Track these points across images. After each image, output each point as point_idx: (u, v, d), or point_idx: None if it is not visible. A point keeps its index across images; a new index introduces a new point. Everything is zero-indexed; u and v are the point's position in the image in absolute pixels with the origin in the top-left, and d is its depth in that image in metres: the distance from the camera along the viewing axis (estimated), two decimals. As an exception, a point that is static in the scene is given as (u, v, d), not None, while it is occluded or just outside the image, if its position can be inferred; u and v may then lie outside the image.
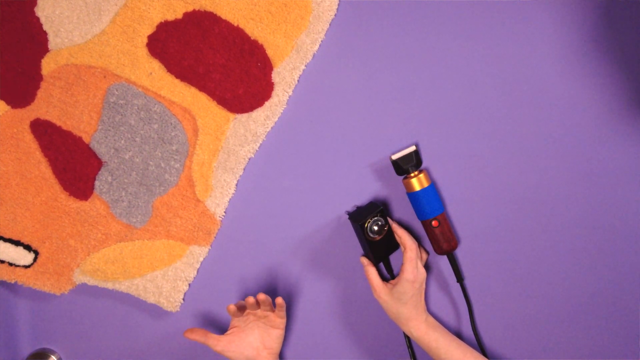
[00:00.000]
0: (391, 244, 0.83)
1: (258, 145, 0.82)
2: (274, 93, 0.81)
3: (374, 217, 0.80)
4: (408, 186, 0.80)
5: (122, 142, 0.81)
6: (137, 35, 0.79)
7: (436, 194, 0.81)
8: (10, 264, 0.83)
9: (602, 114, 0.82)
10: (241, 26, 0.79)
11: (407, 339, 0.87)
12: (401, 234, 0.80)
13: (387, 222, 0.81)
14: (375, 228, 0.80)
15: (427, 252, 0.84)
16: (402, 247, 0.80)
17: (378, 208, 0.80)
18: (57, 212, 0.83)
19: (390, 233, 0.82)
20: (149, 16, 0.79)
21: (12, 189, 0.82)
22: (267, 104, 0.81)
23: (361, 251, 0.86)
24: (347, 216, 0.84)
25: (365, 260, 0.82)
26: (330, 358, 0.88)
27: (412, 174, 0.80)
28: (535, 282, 0.86)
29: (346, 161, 0.84)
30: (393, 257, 0.86)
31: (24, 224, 0.82)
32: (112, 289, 0.85)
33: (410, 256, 0.78)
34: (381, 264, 0.85)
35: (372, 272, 0.80)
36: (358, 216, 0.81)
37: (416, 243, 0.80)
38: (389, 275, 0.85)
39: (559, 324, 0.87)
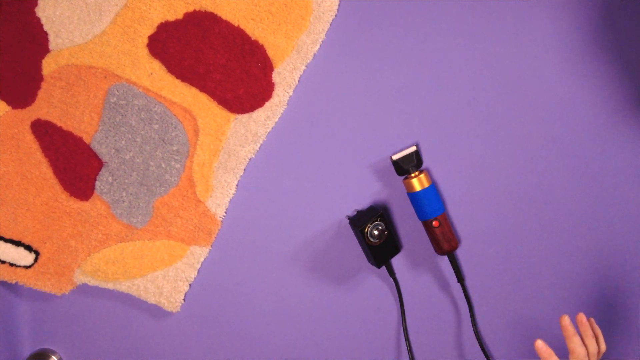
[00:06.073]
0: (391, 248, 0.83)
1: (259, 145, 0.82)
2: (274, 93, 0.81)
3: (374, 221, 0.80)
4: (409, 186, 0.80)
5: (123, 142, 0.81)
6: (137, 36, 0.79)
7: (437, 194, 0.81)
8: (11, 265, 0.83)
9: (602, 114, 0.82)
10: (242, 26, 0.79)
11: (408, 342, 0.87)
12: (575, 342, 0.68)
13: (387, 227, 0.81)
14: (376, 232, 0.80)
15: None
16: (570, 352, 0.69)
17: (378, 213, 0.80)
18: (58, 213, 0.83)
19: (391, 237, 0.82)
20: (150, 16, 0.79)
21: (13, 190, 0.82)
22: (267, 104, 0.81)
23: (361, 253, 0.86)
24: (348, 220, 0.84)
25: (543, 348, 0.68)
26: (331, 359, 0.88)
27: (413, 174, 0.80)
28: (535, 282, 0.86)
29: (347, 161, 0.84)
30: (395, 260, 0.86)
31: (24, 225, 0.82)
32: (113, 289, 0.85)
33: None
34: (383, 267, 0.85)
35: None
36: (358, 221, 0.81)
37: (584, 351, 0.68)
38: (392, 278, 0.85)
39: (559, 324, 0.87)
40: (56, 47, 0.79)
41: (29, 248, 0.83)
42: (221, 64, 0.80)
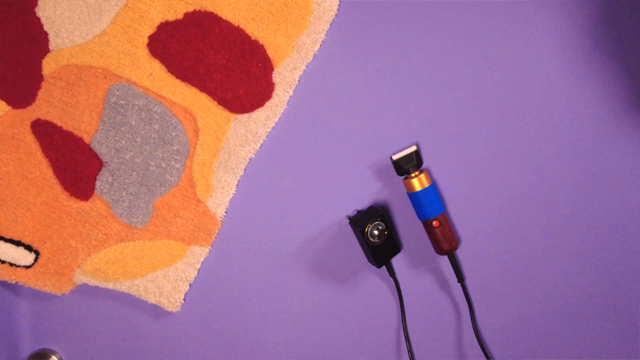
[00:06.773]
0: (391, 248, 0.83)
1: (259, 145, 0.83)
2: (274, 93, 0.81)
3: (374, 221, 0.80)
4: (409, 186, 0.80)
5: (123, 142, 0.81)
6: (137, 36, 0.79)
7: (437, 194, 0.81)
8: (11, 264, 0.83)
9: (602, 114, 0.82)
10: (242, 26, 0.79)
11: (408, 342, 0.87)
12: None
13: (387, 227, 0.81)
14: (376, 232, 0.80)
15: None
16: None
17: (378, 212, 0.80)
18: (58, 213, 0.83)
19: (391, 237, 0.82)
20: (150, 16, 0.79)
21: (13, 190, 0.82)
22: (267, 104, 0.81)
23: (361, 253, 0.86)
24: (348, 221, 0.84)
25: None
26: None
27: (413, 174, 0.80)
28: (535, 282, 0.86)
29: (347, 161, 0.84)
30: (395, 260, 0.86)
31: (24, 225, 0.82)
32: (113, 289, 0.85)
33: None
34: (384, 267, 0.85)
35: None
36: (358, 221, 0.81)
37: None
38: (392, 278, 0.85)
39: (559, 324, 0.87)
40: (56, 47, 0.79)
41: (29, 248, 0.83)
42: (221, 64, 0.80)
